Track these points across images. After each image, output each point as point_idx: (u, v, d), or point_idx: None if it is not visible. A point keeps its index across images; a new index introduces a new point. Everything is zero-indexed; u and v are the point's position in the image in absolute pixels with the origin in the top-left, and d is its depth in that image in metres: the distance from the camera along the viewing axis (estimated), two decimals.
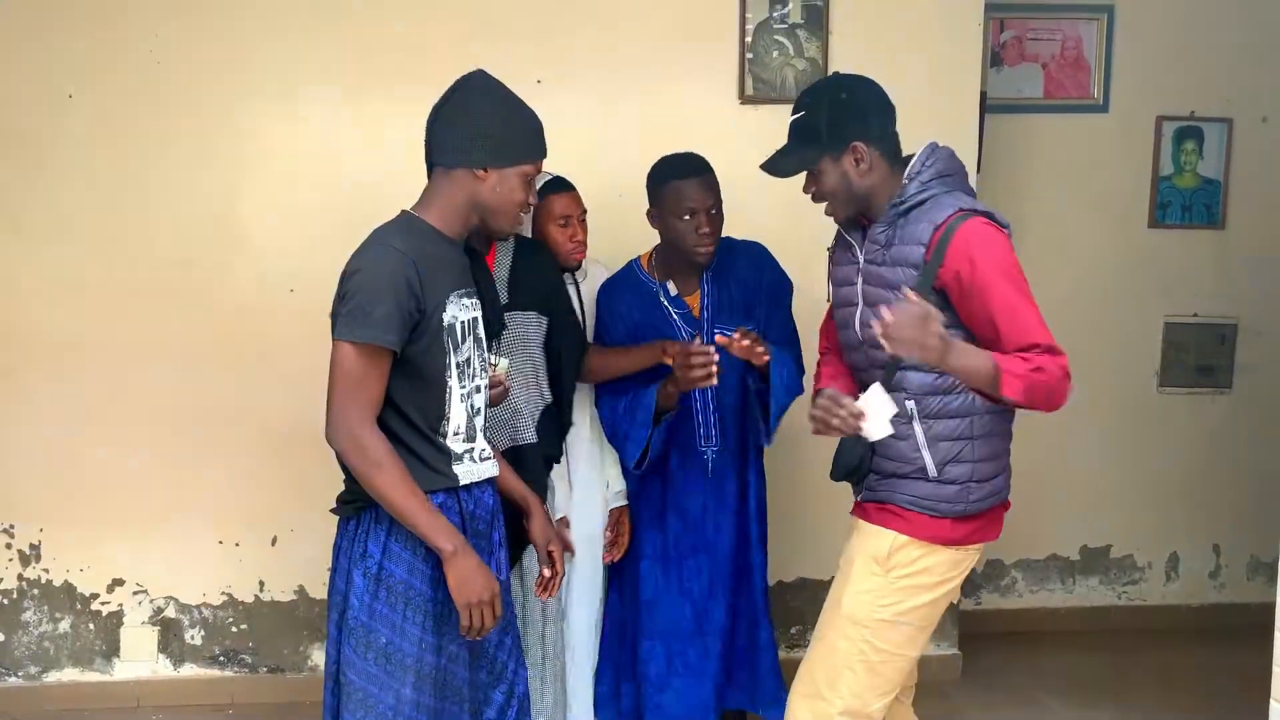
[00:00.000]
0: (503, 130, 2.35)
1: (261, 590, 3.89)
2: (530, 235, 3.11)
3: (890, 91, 2.57)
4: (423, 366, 2.32)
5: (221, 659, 3.90)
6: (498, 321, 2.57)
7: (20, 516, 3.80)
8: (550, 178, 3.08)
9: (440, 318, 2.32)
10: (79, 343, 3.73)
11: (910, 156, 2.53)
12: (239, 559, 3.86)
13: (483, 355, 2.47)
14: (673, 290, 3.15)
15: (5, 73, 3.65)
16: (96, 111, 3.67)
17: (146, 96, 3.68)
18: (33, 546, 3.81)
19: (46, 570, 3.82)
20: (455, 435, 2.39)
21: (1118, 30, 4.45)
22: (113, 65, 3.66)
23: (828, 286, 2.74)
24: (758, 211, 3.48)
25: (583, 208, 3.14)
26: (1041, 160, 4.47)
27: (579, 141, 3.25)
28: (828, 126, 2.50)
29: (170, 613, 3.87)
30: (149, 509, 3.80)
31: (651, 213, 3.10)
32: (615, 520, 3.22)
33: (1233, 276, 4.59)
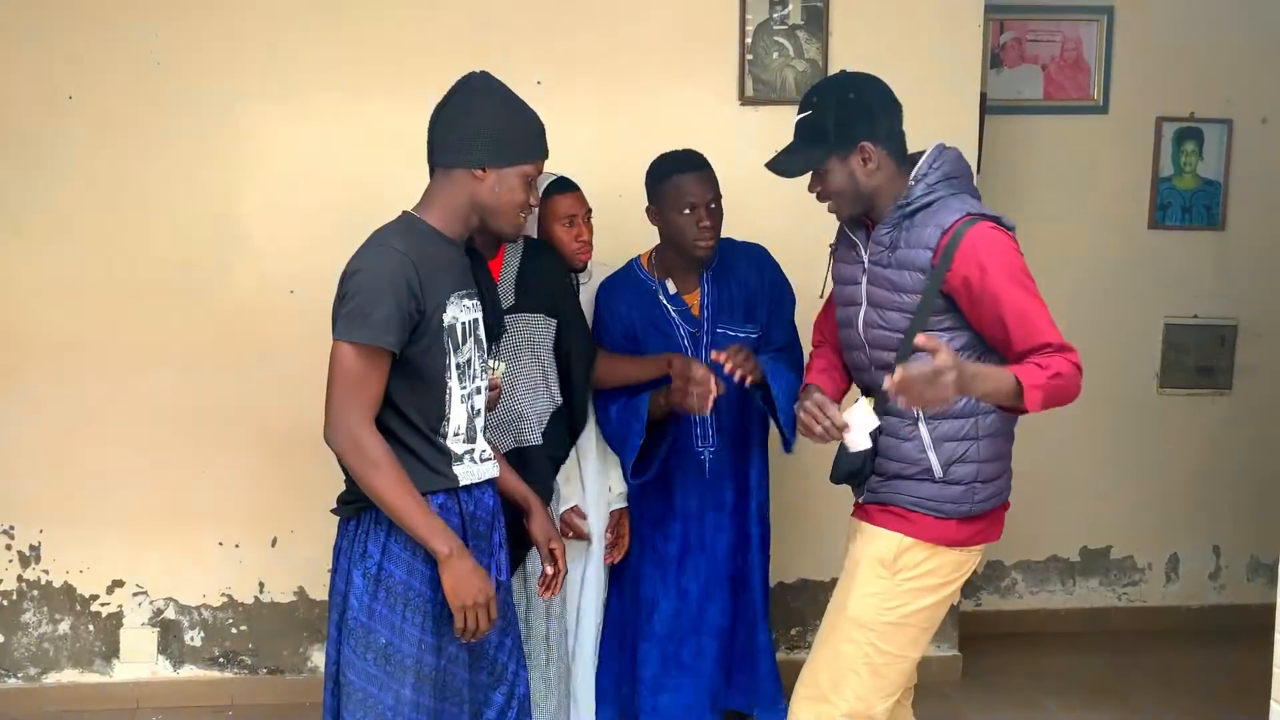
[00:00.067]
0: (502, 130, 2.35)
1: (261, 591, 3.89)
2: (536, 236, 3.10)
3: None
4: (423, 367, 2.31)
5: (221, 660, 3.90)
6: (498, 324, 2.56)
7: (20, 517, 3.79)
8: (554, 178, 3.08)
9: (440, 319, 2.31)
10: (79, 343, 3.73)
11: (916, 155, 2.52)
12: (239, 560, 3.86)
13: (483, 356, 2.47)
14: (672, 289, 3.14)
15: (5, 73, 3.65)
16: (96, 112, 3.67)
17: (146, 97, 3.67)
18: (32, 548, 3.81)
19: (46, 571, 3.82)
20: (455, 436, 2.39)
21: (1117, 31, 4.45)
22: (113, 66, 3.66)
23: (825, 280, 2.74)
24: (758, 213, 3.47)
25: (587, 207, 3.14)
26: (1041, 162, 4.47)
27: (579, 142, 3.24)
28: (835, 126, 2.48)
29: (170, 614, 3.87)
30: (149, 510, 3.79)
31: (651, 209, 3.10)
32: (615, 522, 3.22)
33: (1233, 278, 4.59)
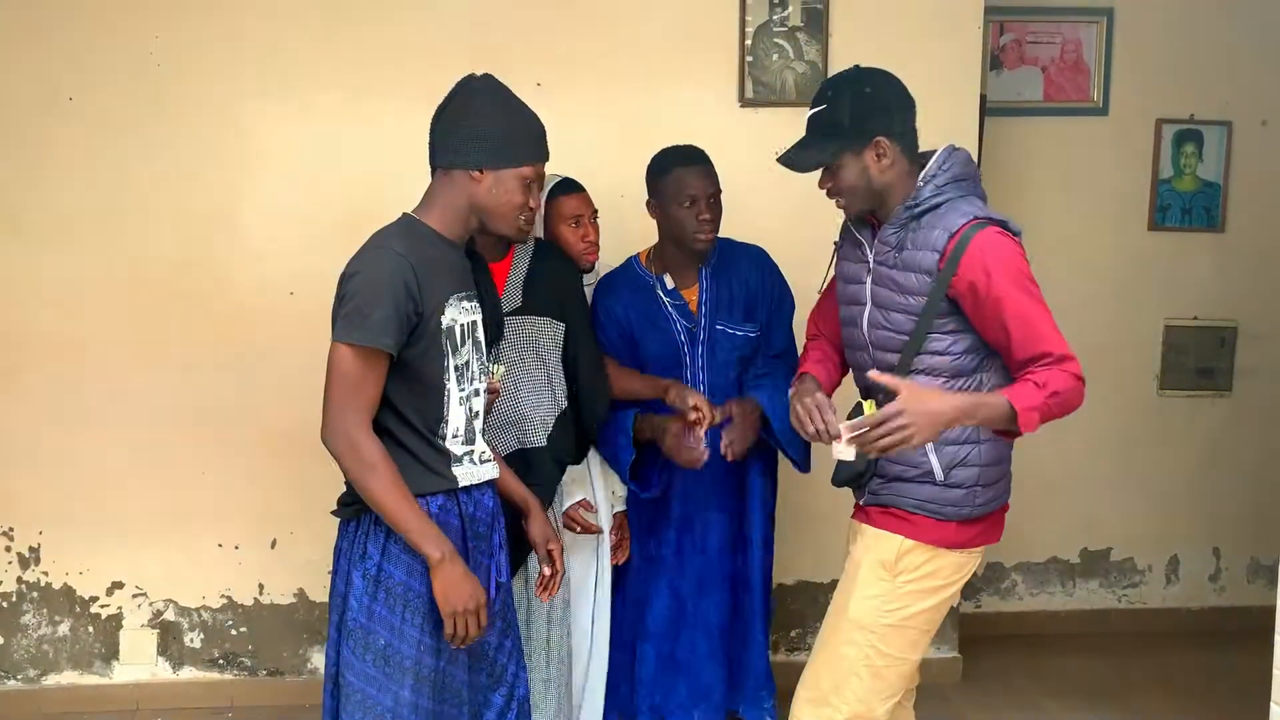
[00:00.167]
0: (500, 132, 2.34)
1: (261, 593, 3.88)
2: (542, 238, 3.08)
3: None
4: (421, 369, 2.31)
5: (221, 662, 3.89)
6: (497, 326, 2.56)
7: (20, 519, 3.79)
8: (559, 179, 3.07)
9: (439, 320, 2.31)
10: (79, 344, 3.73)
11: (926, 155, 2.51)
12: (238, 562, 3.86)
13: (482, 358, 2.47)
14: (670, 283, 3.13)
15: (5, 74, 3.65)
16: (97, 113, 3.67)
17: (146, 97, 3.67)
18: (32, 549, 3.80)
19: (46, 573, 3.81)
20: (454, 438, 2.39)
21: (1117, 33, 4.45)
22: (113, 66, 3.66)
23: (826, 275, 2.73)
24: (757, 214, 3.47)
25: (593, 208, 3.13)
26: (1041, 163, 4.47)
27: (579, 144, 3.24)
28: (851, 120, 2.45)
29: (170, 616, 3.86)
30: (149, 511, 3.79)
31: (651, 203, 3.09)
32: (618, 524, 3.22)
33: (1232, 279, 4.59)
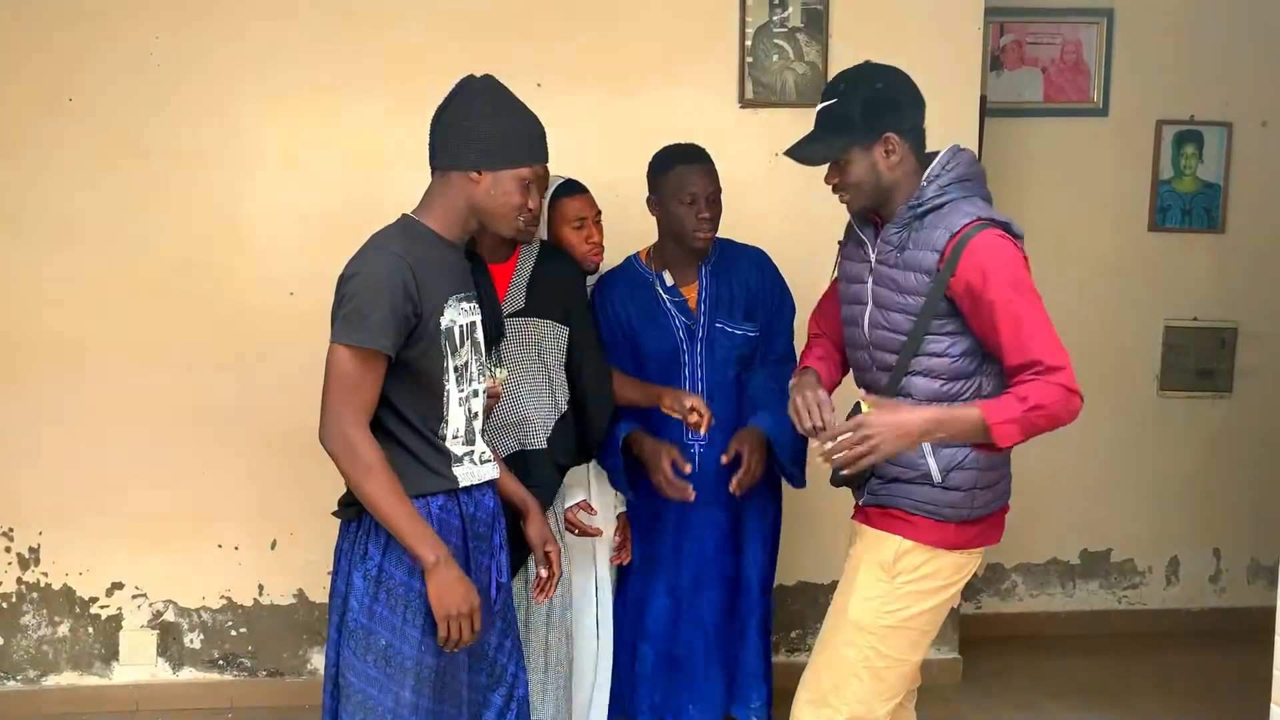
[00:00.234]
0: (499, 133, 2.33)
1: (261, 594, 3.88)
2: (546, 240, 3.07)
3: None
4: (420, 370, 2.31)
5: (221, 663, 3.89)
6: (496, 327, 2.56)
7: (19, 520, 3.79)
8: (562, 181, 3.07)
9: (438, 321, 2.31)
10: (79, 345, 3.73)
11: (931, 154, 2.51)
12: (238, 562, 3.86)
13: (481, 359, 2.47)
14: (669, 280, 3.13)
15: (5, 75, 3.65)
16: (97, 113, 3.67)
17: (147, 98, 3.67)
18: (32, 550, 3.80)
19: (45, 574, 3.81)
20: (454, 438, 2.39)
21: (1117, 34, 4.45)
22: (113, 67, 3.66)
23: (832, 273, 2.73)
24: (757, 214, 3.47)
25: (597, 209, 3.11)
26: (1041, 164, 4.47)
27: (579, 145, 3.24)
28: (862, 115, 2.45)
29: (169, 616, 3.86)
30: (148, 512, 3.79)
31: (651, 200, 3.09)
32: (621, 525, 3.22)
33: (1232, 280, 4.59)
